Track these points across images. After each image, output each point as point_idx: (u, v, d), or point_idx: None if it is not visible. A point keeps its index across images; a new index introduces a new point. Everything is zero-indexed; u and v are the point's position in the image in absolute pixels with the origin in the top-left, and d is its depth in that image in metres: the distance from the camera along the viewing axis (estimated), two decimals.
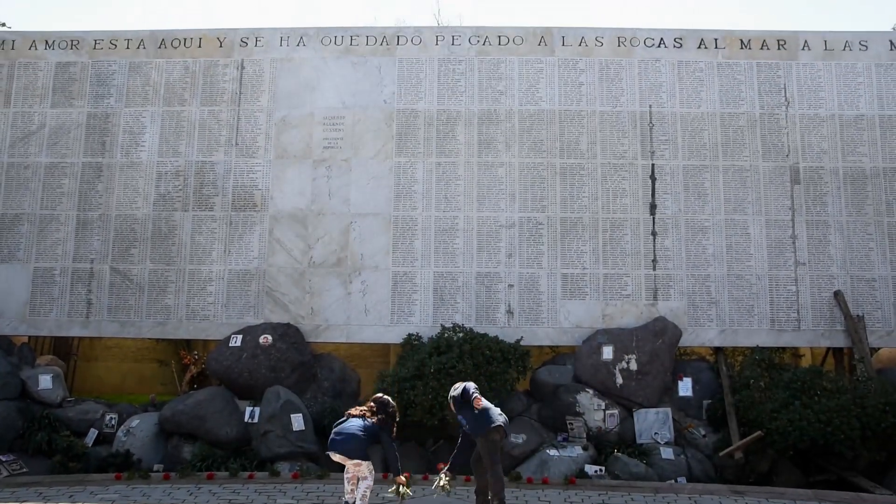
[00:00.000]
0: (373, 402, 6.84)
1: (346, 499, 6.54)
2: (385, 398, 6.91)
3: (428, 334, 10.05)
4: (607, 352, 9.84)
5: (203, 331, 10.52)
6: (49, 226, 10.76)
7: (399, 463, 6.66)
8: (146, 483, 8.34)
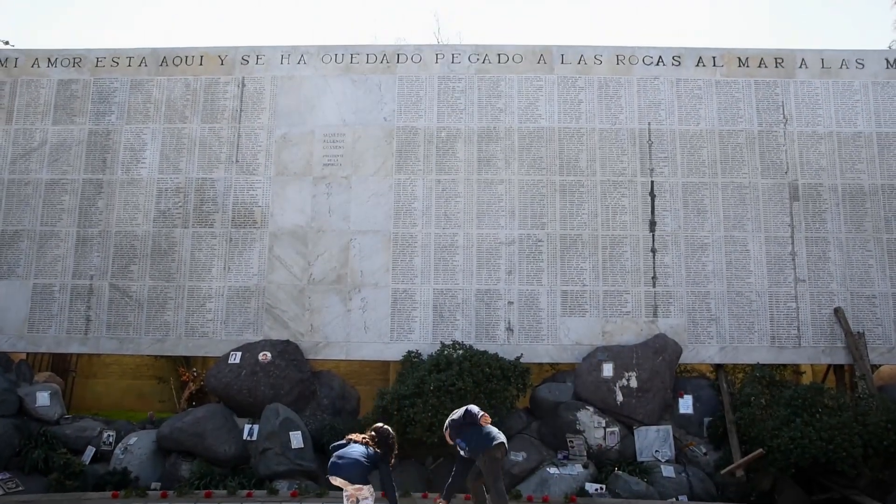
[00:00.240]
0: (374, 432, 6.79)
1: None
2: (385, 429, 6.83)
3: (428, 351, 10.03)
4: (607, 369, 9.81)
5: (202, 347, 10.50)
6: (49, 242, 10.77)
7: (396, 493, 6.62)
8: (143, 501, 8.28)
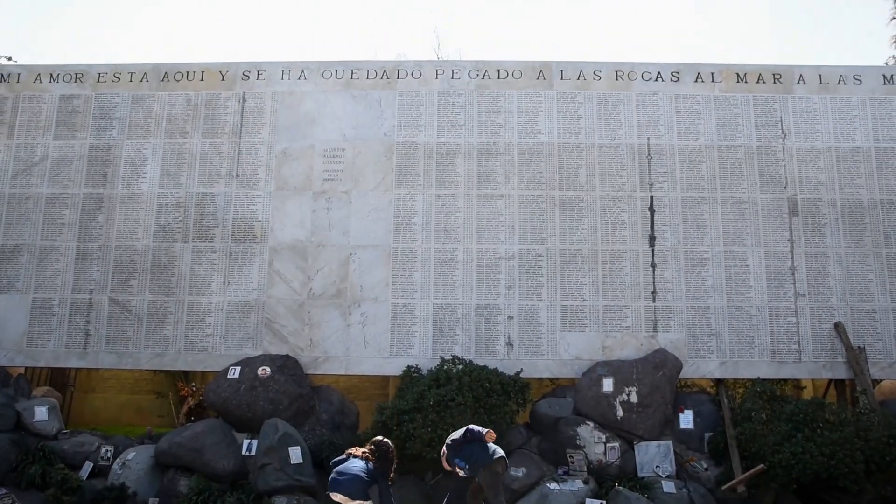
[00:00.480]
0: (373, 446, 6.76)
1: None
2: (385, 442, 6.80)
3: (427, 366, 10.00)
4: (608, 384, 9.77)
5: (201, 362, 10.47)
6: (49, 256, 10.78)
7: None
8: None
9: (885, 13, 21.95)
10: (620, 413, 9.60)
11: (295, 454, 9.01)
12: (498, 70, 11.30)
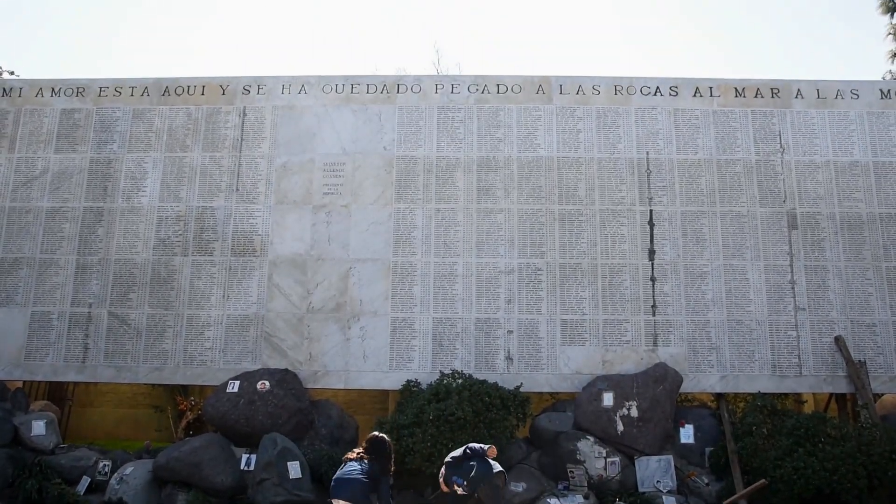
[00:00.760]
0: (367, 443, 6.70)
1: None
2: (379, 437, 6.71)
3: (427, 380, 9.97)
4: (608, 398, 9.74)
5: (200, 376, 10.43)
6: (48, 270, 10.77)
7: None
8: None
9: (882, 29, 22.08)
10: (621, 427, 9.55)
11: (294, 469, 8.97)
12: (497, 84, 11.35)
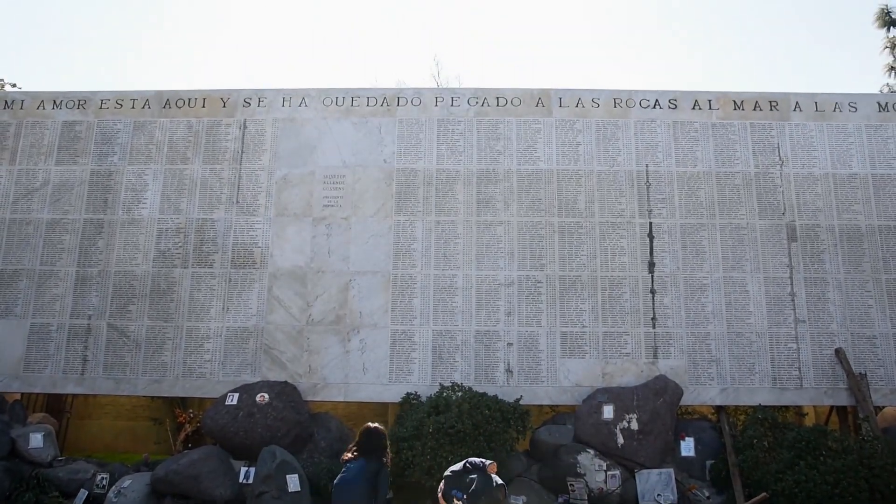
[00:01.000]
0: (360, 435, 6.58)
1: None
2: (372, 428, 6.49)
3: (427, 393, 9.94)
4: (608, 411, 9.71)
5: (199, 388, 10.40)
6: (48, 281, 10.76)
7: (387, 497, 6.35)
8: None
9: (879, 42, 22.26)
10: (621, 440, 9.52)
11: (293, 482, 8.92)
12: (497, 97, 11.40)
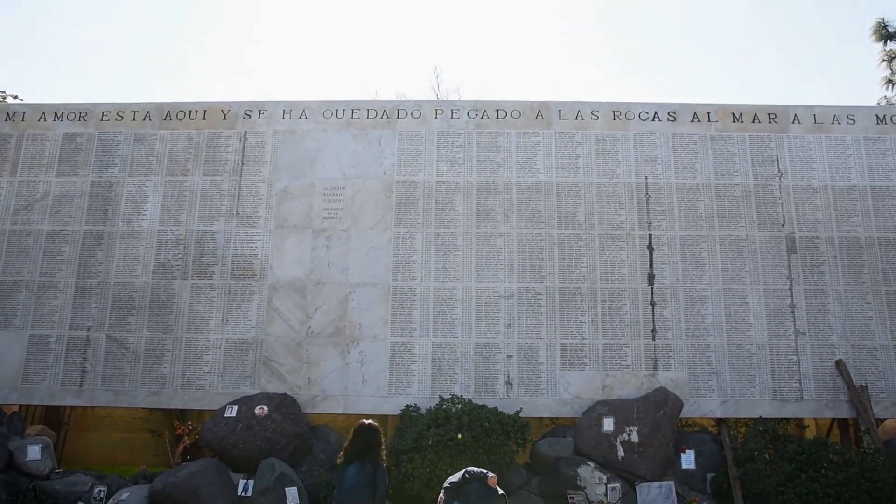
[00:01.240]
0: (354, 435, 6.52)
1: None
2: (366, 426, 6.43)
3: (426, 405, 9.91)
4: (608, 423, 9.68)
5: (198, 400, 10.37)
6: (47, 293, 10.75)
7: (385, 492, 6.32)
8: None
9: (876, 55, 22.37)
10: (621, 453, 9.48)
11: (292, 495, 8.88)
12: (497, 110, 11.44)
